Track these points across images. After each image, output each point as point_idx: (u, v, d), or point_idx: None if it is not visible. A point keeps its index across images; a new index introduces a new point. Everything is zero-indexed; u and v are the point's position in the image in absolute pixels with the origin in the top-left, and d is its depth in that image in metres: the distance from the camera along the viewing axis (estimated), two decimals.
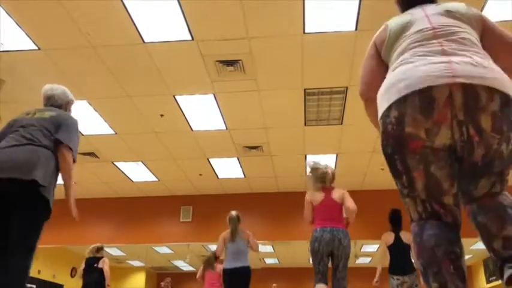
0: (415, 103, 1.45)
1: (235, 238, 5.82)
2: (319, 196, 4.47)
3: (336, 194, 4.47)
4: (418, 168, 1.49)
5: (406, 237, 5.90)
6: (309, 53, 5.36)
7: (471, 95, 1.39)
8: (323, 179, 4.53)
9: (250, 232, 6.02)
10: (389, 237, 6.05)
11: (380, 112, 1.61)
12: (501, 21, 4.75)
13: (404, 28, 1.69)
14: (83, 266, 7.31)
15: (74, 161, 2.90)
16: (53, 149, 2.79)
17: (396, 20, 1.76)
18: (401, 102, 1.49)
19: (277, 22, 4.88)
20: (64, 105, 3.23)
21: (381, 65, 1.79)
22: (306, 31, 5.00)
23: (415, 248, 1.50)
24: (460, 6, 1.69)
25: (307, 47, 5.25)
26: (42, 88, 3.26)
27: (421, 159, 1.48)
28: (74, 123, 2.97)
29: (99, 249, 7.41)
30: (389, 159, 1.57)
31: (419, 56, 1.55)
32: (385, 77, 1.69)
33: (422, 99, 1.43)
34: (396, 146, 1.52)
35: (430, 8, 1.72)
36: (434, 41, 1.57)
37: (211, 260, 7.81)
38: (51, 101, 3.19)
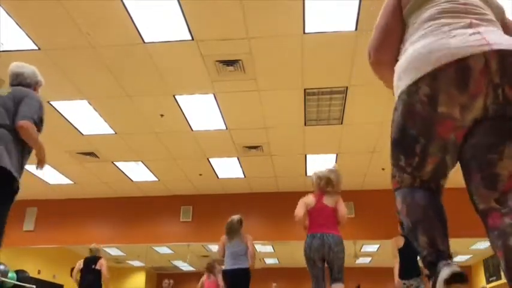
0: (451, 76, 1.35)
1: (232, 240, 5.84)
2: (312, 200, 4.49)
3: (328, 200, 4.47)
4: (435, 155, 1.45)
5: None
6: (309, 53, 5.36)
7: (507, 59, 1.34)
8: (324, 184, 4.55)
9: (250, 237, 6.04)
10: (400, 241, 6.04)
11: (402, 85, 1.47)
12: None
13: None
14: (80, 266, 7.24)
15: (39, 131, 2.82)
16: (12, 127, 2.71)
17: None
18: (433, 77, 1.37)
19: (277, 22, 4.88)
20: (33, 85, 3.06)
21: (399, 23, 1.65)
22: (306, 31, 5.00)
23: (403, 207, 1.50)
24: None
25: (307, 47, 5.25)
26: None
27: (443, 148, 1.43)
28: (33, 97, 2.86)
29: (95, 250, 7.39)
30: (407, 140, 1.47)
31: (449, 26, 1.46)
32: (401, 39, 1.60)
33: (459, 71, 1.34)
34: (424, 129, 1.42)
35: None
36: (463, 15, 1.49)
37: (209, 267, 8.02)
38: (19, 79, 3.02)
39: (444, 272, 1.35)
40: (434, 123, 1.40)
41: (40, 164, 2.89)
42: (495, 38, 1.39)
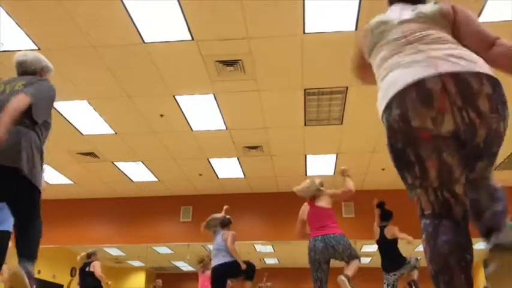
0: (413, 97, 1.51)
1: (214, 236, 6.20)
2: (306, 207, 4.65)
3: (321, 201, 4.57)
4: (431, 157, 1.52)
5: (390, 233, 5.98)
6: (309, 53, 5.36)
7: (462, 82, 1.48)
8: (305, 191, 4.68)
9: (233, 233, 6.11)
10: (375, 232, 6.17)
11: (380, 112, 1.68)
12: (501, 21, 4.75)
13: (381, 36, 1.81)
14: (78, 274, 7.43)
15: (47, 120, 2.67)
16: (31, 123, 2.55)
17: (374, 25, 1.90)
18: (400, 100, 1.55)
19: (277, 22, 4.88)
20: (38, 71, 2.90)
21: (365, 61, 1.97)
22: (306, 31, 5.00)
23: (427, 250, 1.52)
24: (427, 8, 1.79)
25: (307, 47, 5.25)
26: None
27: (434, 148, 1.52)
28: (43, 82, 2.71)
29: (90, 255, 7.40)
30: (399, 153, 1.59)
31: (401, 61, 1.64)
32: (370, 66, 1.88)
33: (419, 92, 1.51)
34: (407, 139, 1.55)
35: (406, 13, 1.82)
36: (409, 46, 1.67)
37: (202, 262, 8.09)
38: (23, 67, 2.90)
39: None
40: (413, 133, 1.53)
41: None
42: (446, 61, 1.54)
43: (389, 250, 6.00)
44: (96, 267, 7.10)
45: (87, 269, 7.16)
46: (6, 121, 2.34)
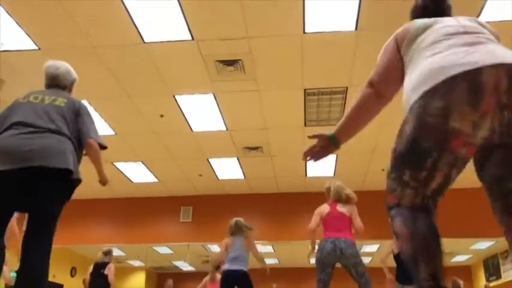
0: (463, 91, 1.34)
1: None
2: (326, 208, 4.64)
3: (342, 208, 4.60)
4: (443, 170, 1.44)
5: None
6: (309, 53, 5.36)
7: None
8: (338, 194, 4.68)
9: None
10: (396, 248, 6.07)
11: (414, 97, 1.47)
12: (500, 21, 4.75)
13: (431, 24, 1.65)
14: (90, 269, 7.38)
15: (104, 147, 2.93)
16: (73, 139, 2.74)
17: (421, 19, 1.72)
18: (446, 91, 1.37)
19: (277, 22, 4.88)
20: (69, 86, 3.01)
21: (399, 60, 1.72)
22: (306, 31, 5.00)
23: (404, 233, 1.46)
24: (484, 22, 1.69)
25: (307, 47, 5.25)
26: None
27: (452, 162, 1.43)
28: (86, 108, 2.86)
29: (107, 253, 7.44)
30: (418, 152, 1.45)
31: (456, 46, 1.47)
32: (400, 75, 1.67)
33: (471, 87, 1.34)
34: (437, 141, 1.40)
35: (452, 17, 1.71)
36: (466, 35, 1.51)
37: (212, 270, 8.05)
38: (55, 81, 2.95)
39: None
40: (447, 136, 1.39)
41: (104, 183, 3.07)
42: (505, 54, 1.39)
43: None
44: (110, 271, 7.16)
45: (102, 271, 7.19)
46: (101, 170, 3.01)
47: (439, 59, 1.45)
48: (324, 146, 2.02)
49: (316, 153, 2.05)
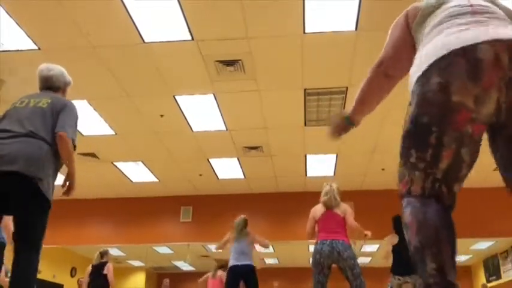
0: (461, 67, 1.34)
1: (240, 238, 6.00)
2: (320, 210, 4.62)
3: (337, 209, 4.59)
4: (450, 148, 1.38)
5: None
6: (309, 53, 5.36)
7: None
8: (327, 195, 4.64)
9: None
10: (394, 239, 6.08)
11: (415, 77, 1.47)
12: None
13: (440, 3, 1.62)
14: (89, 270, 7.41)
15: (75, 148, 2.73)
16: (51, 141, 2.63)
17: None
18: (443, 67, 1.37)
19: (277, 22, 4.88)
20: (62, 87, 2.99)
21: (407, 35, 1.69)
22: (306, 31, 5.00)
23: (414, 223, 1.40)
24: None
25: (307, 47, 5.25)
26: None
27: (459, 139, 1.38)
28: (72, 108, 2.78)
29: (104, 254, 7.49)
30: (421, 128, 1.41)
31: (457, 25, 1.46)
32: (410, 53, 1.64)
33: (468, 62, 1.33)
34: (438, 116, 1.37)
35: None
36: (472, 15, 1.49)
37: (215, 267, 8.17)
38: (48, 83, 2.94)
39: None
40: (449, 111, 1.36)
41: (68, 189, 2.76)
42: (505, 32, 1.37)
43: (401, 252, 5.93)
44: (110, 271, 7.21)
45: (101, 271, 7.24)
46: (72, 171, 2.72)
47: (441, 38, 1.45)
48: (341, 126, 2.10)
49: (337, 131, 2.15)
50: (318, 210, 4.64)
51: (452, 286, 1.34)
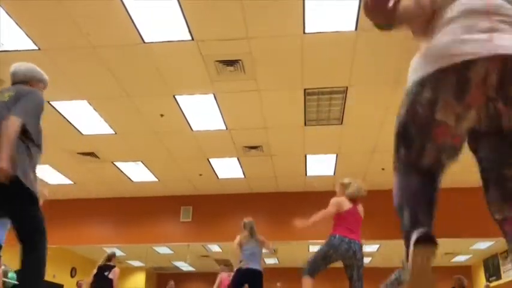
0: (451, 85, 1.39)
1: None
2: (347, 204, 4.47)
3: (360, 208, 4.58)
4: (432, 154, 1.53)
5: None
6: (308, 53, 5.36)
7: (508, 66, 1.32)
8: (360, 193, 4.57)
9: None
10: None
11: (411, 80, 1.52)
12: None
13: None
14: (94, 271, 7.39)
15: (28, 134, 2.63)
16: (19, 135, 2.57)
17: None
18: (437, 83, 1.42)
19: (277, 22, 4.88)
20: (29, 80, 2.91)
21: (430, 10, 1.58)
22: (306, 31, 5.00)
23: (397, 189, 1.57)
24: None
25: (307, 47, 5.25)
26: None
27: (440, 148, 1.51)
28: (34, 95, 2.72)
29: (111, 256, 7.46)
30: (408, 135, 1.55)
31: (465, 28, 1.43)
32: (428, 23, 1.57)
33: (458, 82, 1.38)
34: (423, 130, 1.50)
35: None
36: (484, 16, 1.43)
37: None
38: (15, 77, 2.92)
39: (414, 236, 1.41)
40: (431, 126, 1.47)
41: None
42: (509, 42, 1.34)
43: None
44: (115, 275, 7.18)
45: (106, 273, 7.20)
46: (7, 152, 2.45)
47: (446, 42, 1.43)
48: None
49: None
50: (344, 202, 4.45)
51: (422, 224, 1.46)
